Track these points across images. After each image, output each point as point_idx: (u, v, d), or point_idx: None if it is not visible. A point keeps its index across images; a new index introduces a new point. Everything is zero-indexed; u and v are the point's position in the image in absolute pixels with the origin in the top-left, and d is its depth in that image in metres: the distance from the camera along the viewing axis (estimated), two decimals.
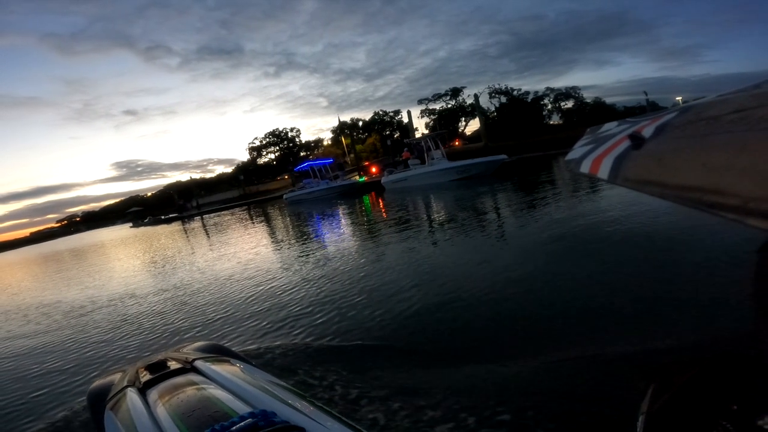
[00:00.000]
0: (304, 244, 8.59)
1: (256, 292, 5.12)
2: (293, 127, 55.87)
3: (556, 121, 43.66)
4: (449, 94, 45.29)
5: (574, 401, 1.90)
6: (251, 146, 54.56)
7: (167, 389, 1.22)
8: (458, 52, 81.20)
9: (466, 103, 44.66)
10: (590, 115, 38.56)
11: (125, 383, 1.35)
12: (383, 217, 10.95)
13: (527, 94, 42.47)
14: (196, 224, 24.95)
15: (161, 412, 1.08)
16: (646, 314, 2.70)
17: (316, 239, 9.08)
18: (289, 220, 15.86)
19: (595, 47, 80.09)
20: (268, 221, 16.93)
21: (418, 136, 30.65)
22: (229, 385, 1.20)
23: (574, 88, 43.68)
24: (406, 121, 44.45)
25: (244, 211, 28.26)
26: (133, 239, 22.96)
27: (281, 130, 53.62)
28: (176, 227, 26.57)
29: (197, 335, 3.95)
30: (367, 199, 18.04)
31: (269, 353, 3.11)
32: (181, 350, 1.71)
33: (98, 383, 1.55)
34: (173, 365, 1.40)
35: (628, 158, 0.88)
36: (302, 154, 51.05)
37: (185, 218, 35.73)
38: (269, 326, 3.77)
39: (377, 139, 45.42)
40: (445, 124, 41.75)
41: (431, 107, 46.30)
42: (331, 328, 3.45)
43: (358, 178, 27.27)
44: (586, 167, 1.06)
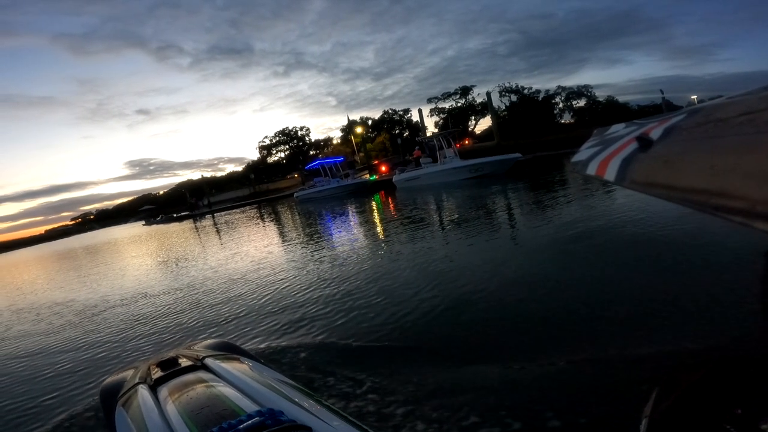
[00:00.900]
0: (317, 243, 8.46)
1: (271, 291, 5.00)
2: (303, 125, 55.86)
3: (567, 120, 42.90)
4: (459, 92, 44.77)
5: (577, 403, 1.87)
6: (261, 145, 54.94)
7: (177, 387, 1.22)
8: (467, 50, 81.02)
9: (475, 101, 44.17)
10: (603, 113, 37.72)
11: (137, 380, 1.37)
12: (396, 216, 10.77)
13: (538, 92, 41.72)
14: (207, 222, 25.08)
15: (171, 409, 1.08)
16: (652, 317, 2.64)
17: (329, 238, 8.95)
18: (300, 218, 15.75)
19: (605, 45, 78.77)
20: (279, 220, 16.88)
21: (428, 134, 30.41)
22: (237, 383, 1.20)
23: (586, 86, 42.74)
24: (415, 119, 44.27)
25: (254, 209, 28.35)
26: (146, 237, 23.18)
27: (291, 129, 53.88)
28: (188, 225, 26.78)
29: (212, 336, 3.83)
30: (378, 197, 17.87)
31: (285, 353, 3.04)
32: (192, 347, 1.72)
33: (111, 380, 1.56)
34: (184, 362, 1.42)
35: (635, 160, 0.88)
36: (312, 152, 51.20)
37: (197, 216, 36.07)
38: (287, 327, 3.64)
39: (386, 137, 45.18)
40: (454, 122, 41.25)
41: (440, 106, 45.86)
42: (350, 329, 3.33)
43: (368, 176, 27.13)
44: (593, 169, 1.06)
